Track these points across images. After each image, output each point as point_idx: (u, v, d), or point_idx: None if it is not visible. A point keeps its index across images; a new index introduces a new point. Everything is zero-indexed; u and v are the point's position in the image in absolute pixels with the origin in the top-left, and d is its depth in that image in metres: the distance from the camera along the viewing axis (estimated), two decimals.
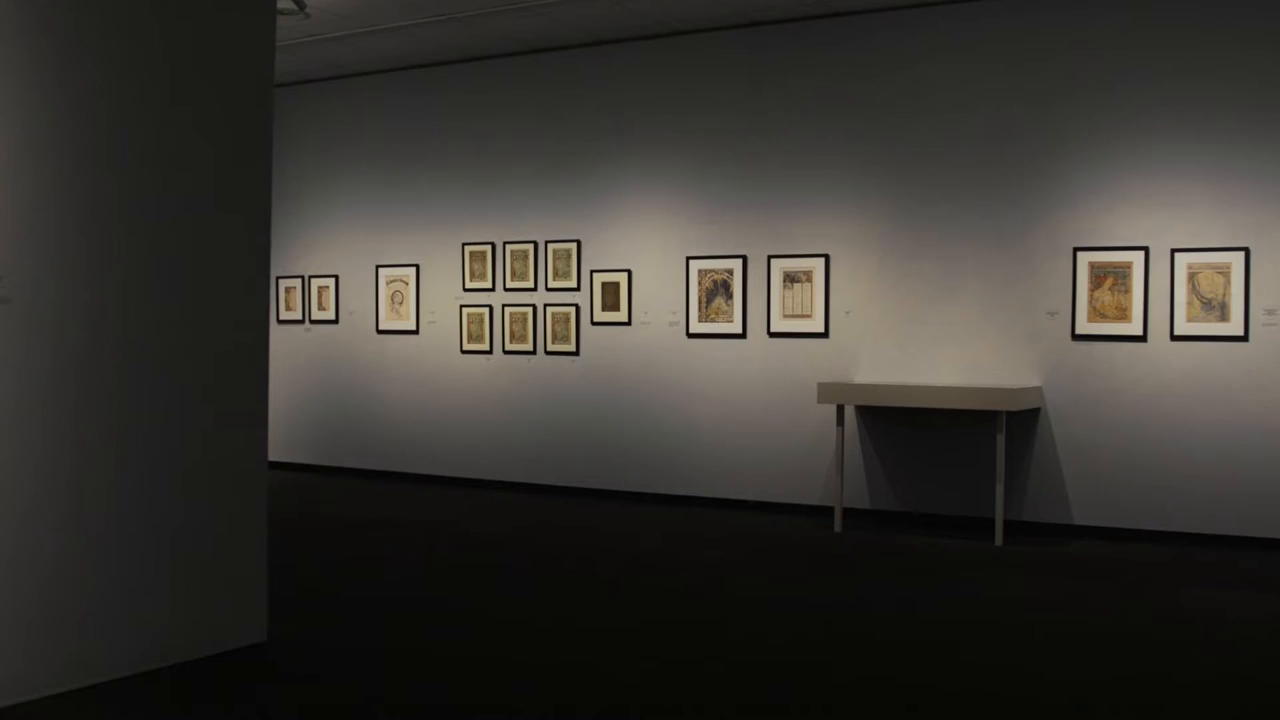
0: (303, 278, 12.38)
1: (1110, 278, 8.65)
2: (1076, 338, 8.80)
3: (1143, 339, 8.57)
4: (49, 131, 4.79)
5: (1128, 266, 8.59)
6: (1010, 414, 8.49)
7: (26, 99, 4.70)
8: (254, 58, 5.69)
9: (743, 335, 10.01)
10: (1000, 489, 8.41)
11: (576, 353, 10.83)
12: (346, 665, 5.43)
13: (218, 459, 5.50)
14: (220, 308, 5.51)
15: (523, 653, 5.63)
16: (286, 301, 12.50)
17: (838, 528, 8.97)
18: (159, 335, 5.22)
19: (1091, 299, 8.72)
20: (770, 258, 9.86)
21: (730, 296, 10.05)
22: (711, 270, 10.14)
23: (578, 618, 6.35)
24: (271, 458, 12.10)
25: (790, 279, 9.78)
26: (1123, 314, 8.61)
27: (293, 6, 9.18)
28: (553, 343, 10.95)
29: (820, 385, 9.04)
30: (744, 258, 9.99)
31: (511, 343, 11.17)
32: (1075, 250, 8.78)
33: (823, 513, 9.39)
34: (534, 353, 11.04)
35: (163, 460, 5.24)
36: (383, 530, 9.01)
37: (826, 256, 9.63)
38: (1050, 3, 8.94)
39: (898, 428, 9.36)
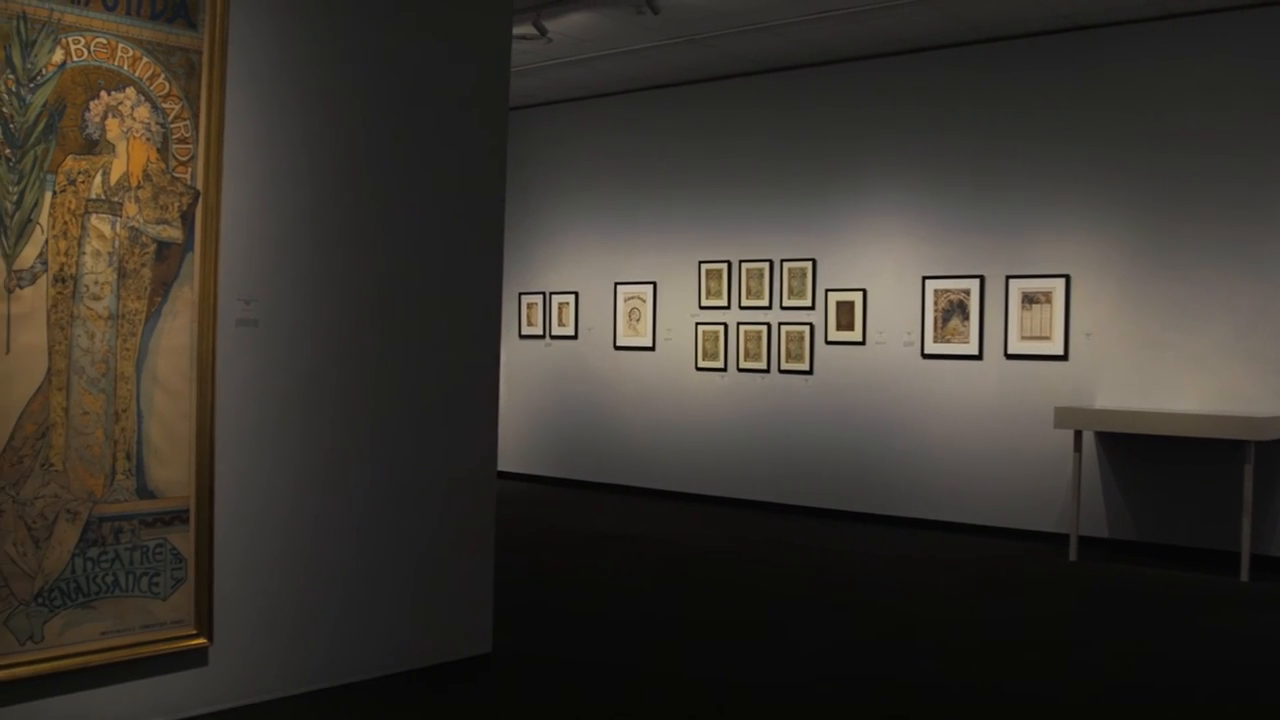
0: (544, 294, 12.71)
1: None
2: None
3: None
4: (292, 164, 5.08)
5: None
6: (1259, 444, 8.08)
7: (271, 133, 5.00)
8: (490, 84, 5.87)
9: (979, 357, 9.81)
10: (1247, 522, 8.00)
11: (810, 372, 10.81)
12: (569, 677, 5.56)
13: (450, 473, 5.71)
14: (453, 327, 5.71)
15: (741, 671, 5.66)
16: (528, 317, 12.85)
17: (1073, 556, 8.69)
18: (394, 354, 5.46)
19: None
20: (1009, 278, 9.64)
21: (967, 317, 9.86)
22: (948, 290, 9.97)
23: (799, 638, 6.34)
24: (509, 469, 12.65)
25: (1029, 300, 9.54)
26: None
27: (534, 31, 9.48)
28: (786, 361, 10.95)
29: (1058, 410, 8.78)
30: (981, 278, 9.79)
31: (746, 361, 11.22)
32: None
33: (1057, 540, 9.13)
34: (768, 371, 11.07)
35: (396, 474, 5.48)
36: (612, 544, 9.18)
37: (1067, 277, 9.36)
38: None
39: (1138, 455, 9.01)
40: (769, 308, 11.07)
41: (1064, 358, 9.37)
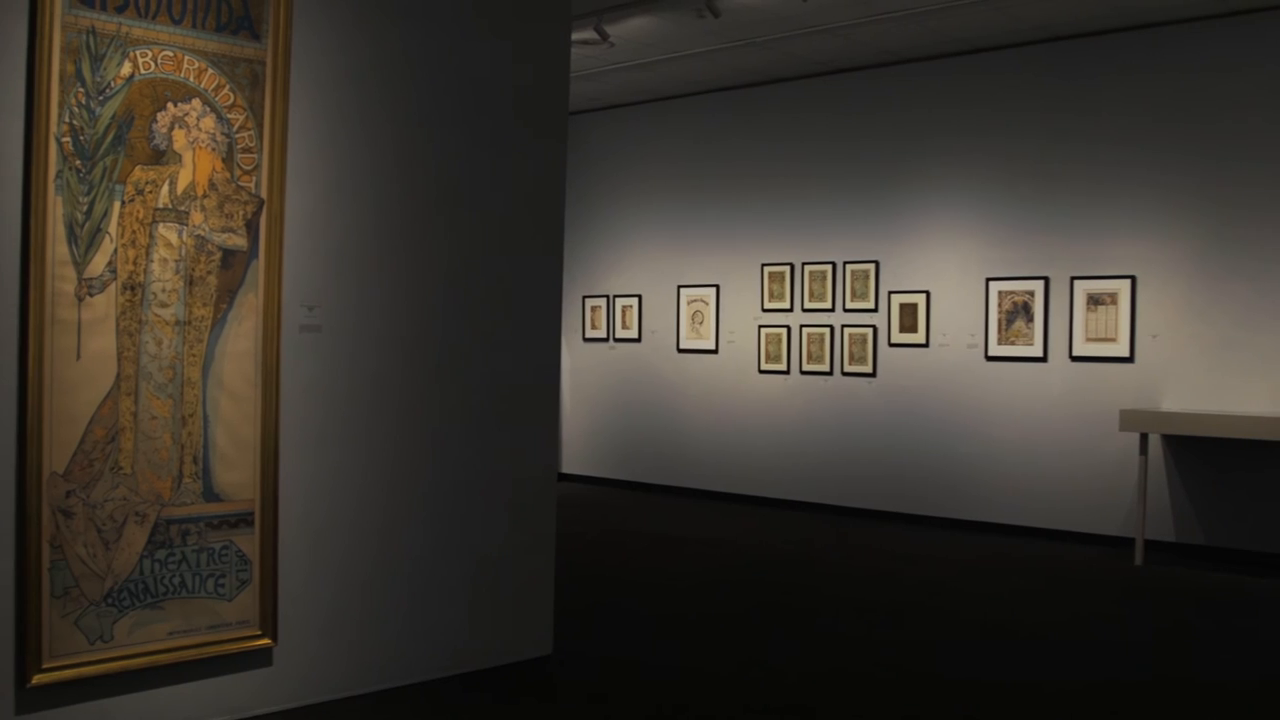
0: (607, 297, 12.77)
1: None
2: None
3: None
4: (355, 171, 5.15)
5: None
6: None
7: (334, 141, 5.07)
8: (550, 89, 5.91)
9: (1043, 359, 9.73)
10: None
11: (873, 374, 10.78)
12: (630, 679, 5.60)
13: (510, 476, 5.77)
14: (514, 331, 5.77)
15: (806, 673, 5.67)
16: (592, 320, 12.91)
17: (1138, 560, 8.60)
18: (455, 358, 5.53)
19: None
20: (1073, 279, 9.55)
21: (1031, 319, 9.79)
22: (1012, 292, 9.90)
23: (861, 641, 6.34)
24: (573, 471, 12.73)
25: (1094, 301, 9.45)
26: None
27: (595, 36, 9.53)
28: (850, 364, 10.93)
29: (1123, 412, 8.69)
30: (1046, 279, 9.71)
31: (809, 363, 11.21)
32: None
33: (1122, 544, 9.04)
34: (831, 374, 11.05)
35: (458, 477, 5.54)
36: (675, 546, 9.20)
37: (1133, 278, 9.26)
38: None
39: (1206, 458, 8.89)
40: (832, 310, 11.05)
41: (1130, 360, 9.27)
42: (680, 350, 12.20)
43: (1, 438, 4.15)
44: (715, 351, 11.92)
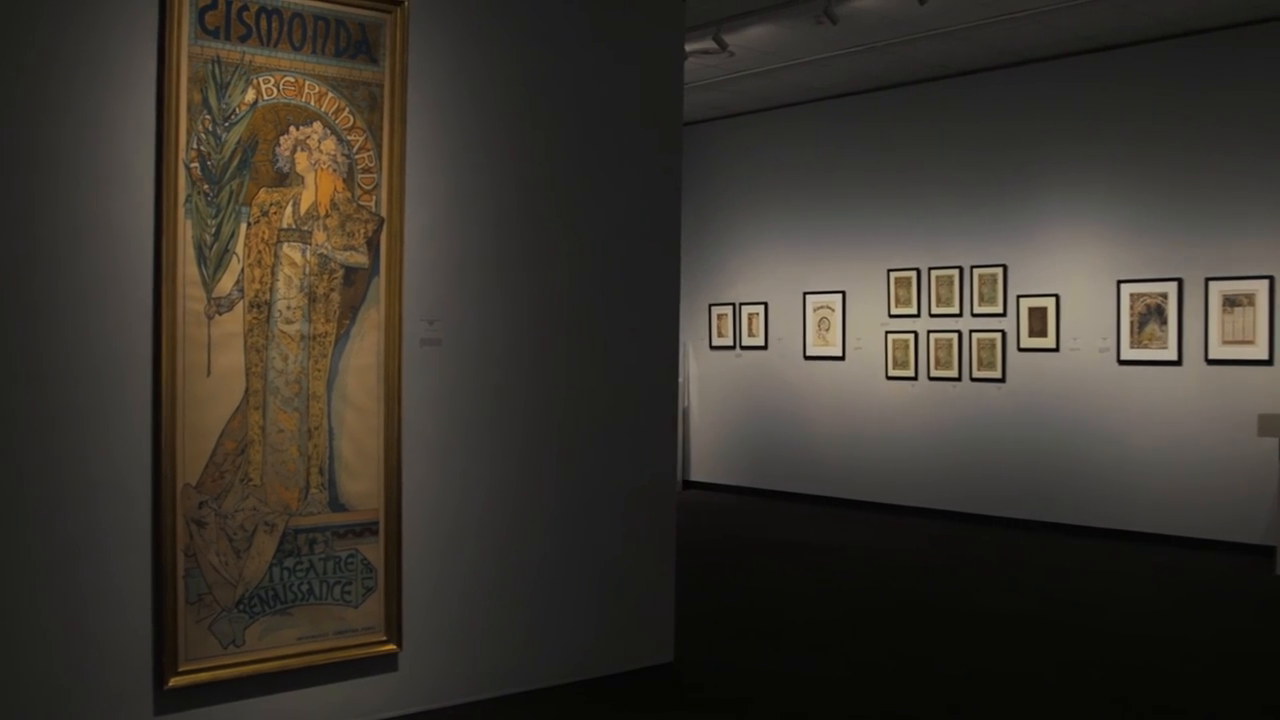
0: (733, 305, 12.79)
1: None
2: None
3: None
4: (473, 187, 5.27)
5: None
6: None
7: (452, 159, 5.20)
8: (665, 102, 5.97)
9: (1178, 362, 9.50)
10: None
11: (1002, 379, 10.63)
12: (750, 686, 5.63)
13: (631, 484, 5.83)
14: (631, 341, 5.84)
15: (930, 682, 5.64)
16: (718, 328, 12.95)
17: (1279, 570, 8.37)
18: (574, 369, 5.62)
19: None
20: (1208, 280, 9.31)
21: (1164, 321, 9.57)
22: (1144, 294, 9.69)
23: (990, 652, 6.26)
24: (700, 479, 12.78)
25: (1230, 302, 9.20)
26: None
27: (715, 46, 9.58)
28: (978, 369, 10.80)
29: (1261, 417, 8.45)
30: (1179, 280, 9.49)
31: (936, 369, 11.10)
32: None
33: (1262, 552, 8.77)
34: (959, 379, 10.93)
35: (579, 486, 5.63)
36: (801, 553, 9.19)
37: (1271, 279, 9.00)
38: None
39: None
40: (959, 315, 10.93)
41: (1269, 362, 9.01)
42: (807, 357, 12.17)
43: (138, 451, 4.35)
44: (842, 358, 11.87)
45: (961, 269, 10.89)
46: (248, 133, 4.51)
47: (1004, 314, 10.62)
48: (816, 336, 12.11)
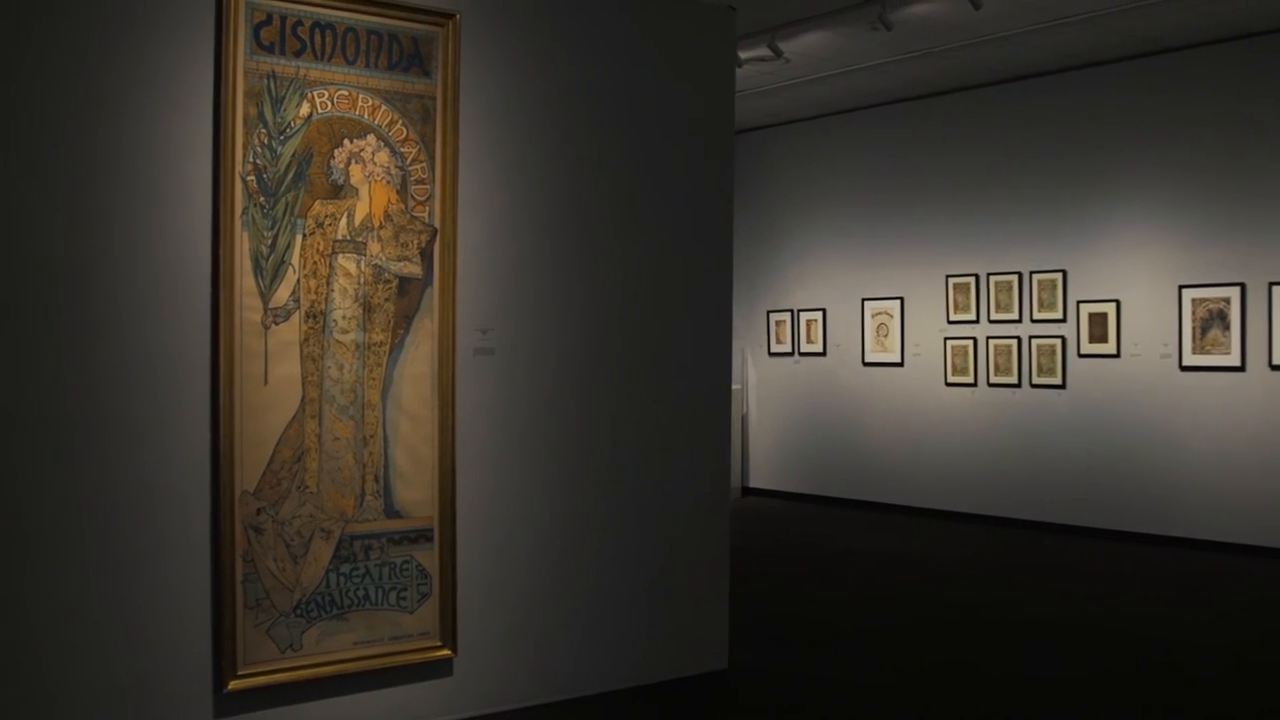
0: (791, 311, 12.77)
1: None
2: None
3: None
4: (526, 197, 5.33)
5: None
6: None
7: (505, 169, 5.26)
8: (716, 111, 5.99)
9: (1241, 368, 9.38)
10: None
11: (1063, 386, 10.54)
12: (805, 694, 5.63)
13: (685, 491, 5.86)
14: (684, 350, 5.87)
15: (986, 694, 5.61)
16: (777, 335, 12.94)
17: None
18: (627, 378, 5.65)
19: None
20: (1272, 284, 9.19)
21: (1228, 327, 9.45)
22: (1206, 299, 9.58)
23: (1047, 662, 6.22)
24: (759, 485, 12.77)
25: None
26: None
27: (770, 54, 9.59)
28: (1038, 375, 10.71)
29: None
30: (1242, 285, 9.37)
31: (996, 375, 11.02)
32: None
33: None
34: (1019, 385, 10.84)
35: (633, 493, 5.67)
36: (860, 560, 9.16)
37: None
38: None
39: None
40: (1019, 321, 10.85)
41: None
42: (866, 364, 12.13)
43: (197, 459, 4.44)
44: (901, 364, 11.82)
45: (1021, 274, 10.82)
46: (303, 146, 4.59)
47: (1064, 320, 10.53)
48: (875, 343, 12.06)
